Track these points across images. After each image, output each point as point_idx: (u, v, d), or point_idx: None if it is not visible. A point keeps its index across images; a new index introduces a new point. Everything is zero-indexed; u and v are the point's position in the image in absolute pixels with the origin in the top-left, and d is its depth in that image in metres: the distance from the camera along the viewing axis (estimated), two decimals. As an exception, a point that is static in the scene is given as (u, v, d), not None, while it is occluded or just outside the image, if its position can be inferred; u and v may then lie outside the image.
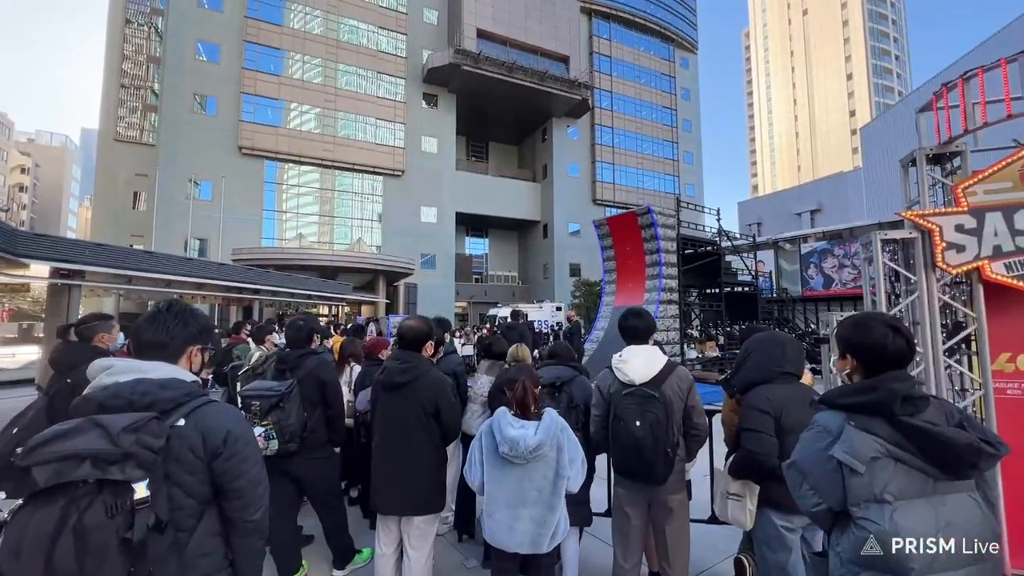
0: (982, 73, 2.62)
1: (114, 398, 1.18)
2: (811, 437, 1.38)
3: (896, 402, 1.24)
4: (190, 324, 1.39)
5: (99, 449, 1.04)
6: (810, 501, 1.34)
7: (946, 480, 1.21)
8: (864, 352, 1.38)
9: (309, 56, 27.79)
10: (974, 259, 2.60)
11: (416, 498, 2.44)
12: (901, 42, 68.02)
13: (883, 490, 1.21)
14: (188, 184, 23.99)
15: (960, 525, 1.20)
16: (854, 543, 1.25)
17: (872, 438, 1.24)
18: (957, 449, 1.16)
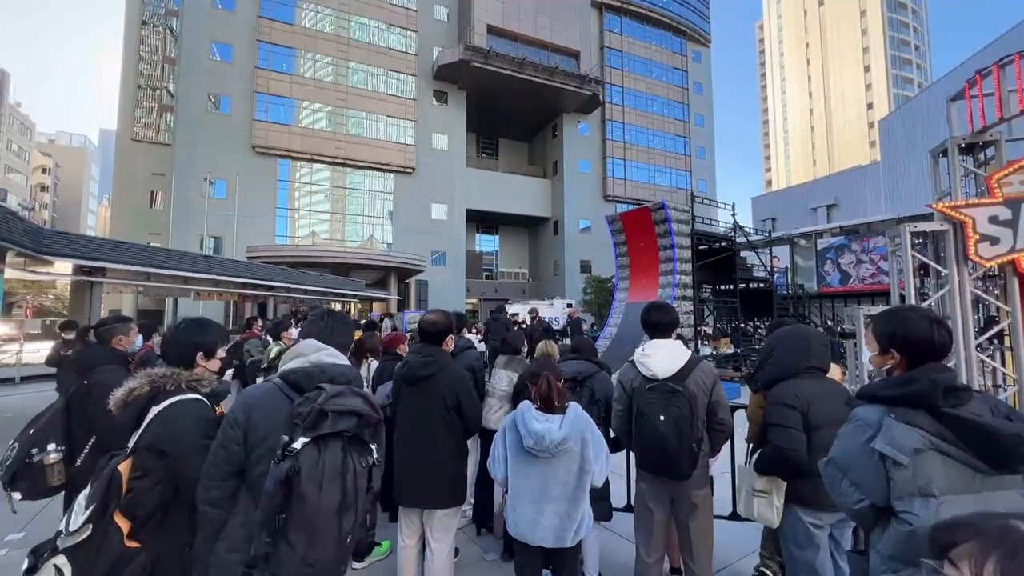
0: (1019, 59, 2.53)
1: (340, 376, 1.48)
2: (850, 431, 1.35)
3: (939, 393, 1.21)
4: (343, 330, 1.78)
5: (366, 411, 1.34)
6: (852, 498, 1.31)
7: (994, 476, 1.17)
8: (909, 346, 1.35)
9: (320, 55, 27.98)
10: (1009, 251, 2.52)
11: (438, 491, 2.45)
12: (921, 32, 66.32)
13: (928, 483, 1.18)
14: (203, 183, 24.35)
15: None
16: (896, 539, 1.22)
17: (915, 430, 1.21)
18: (1002, 440, 1.13)
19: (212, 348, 1.73)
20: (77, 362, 2.97)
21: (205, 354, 1.71)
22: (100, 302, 10.34)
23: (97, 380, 2.54)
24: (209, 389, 1.64)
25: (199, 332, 1.73)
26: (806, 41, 72.93)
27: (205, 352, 1.71)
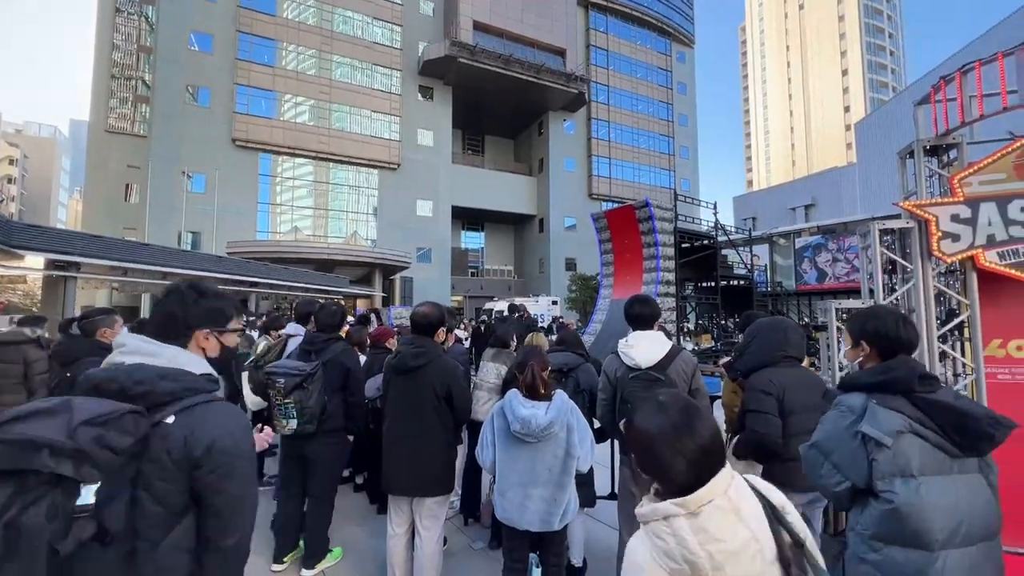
0: (979, 67, 2.69)
1: (109, 381, 1.05)
2: (835, 416, 1.42)
3: (916, 380, 1.31)
4: (200, 303, 1.25)
5: (51, 440, 0.87)
6: (832, 480, 1.37)
7: (962, 458, 1.27)
8: (879, 340, 1.45)
9: (303, 47, 27.50)
10: (968, 248, 2.68)
11: (428, 479, 2.50)
12: (896, 37, 68.25)
13: (908, 464, 1.26)
14: (181, 176, 23.73)
15: (975, 504, 1.25)
16: (878, 517, 1.29)
17: (896, 414, 1.29)
18: (978, 421, 1.22)
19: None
20: (60, 354, 2.93)
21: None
22: (74, 298, 10.05)
23: (80, 372, 2.51)
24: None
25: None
26: (786, 44, 74.41)
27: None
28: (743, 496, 0.92)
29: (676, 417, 0.96)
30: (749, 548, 0.87)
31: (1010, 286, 2.67)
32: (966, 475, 1.26)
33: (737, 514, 0.89)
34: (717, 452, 0.95)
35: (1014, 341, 2.78)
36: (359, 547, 3.27)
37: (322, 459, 2.86)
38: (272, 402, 2.58)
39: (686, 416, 0.96)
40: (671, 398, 1.03)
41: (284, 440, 2.76)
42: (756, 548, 0.87)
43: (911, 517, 1.23)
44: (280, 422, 2.56)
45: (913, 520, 1.23)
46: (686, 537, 0.87)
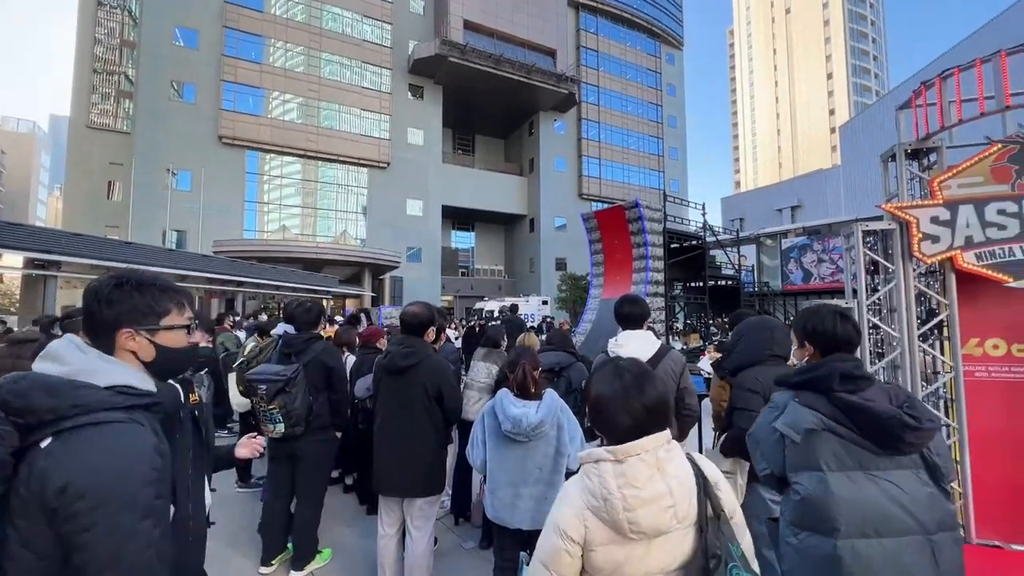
0: (958, 73, 2.76)
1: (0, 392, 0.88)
2: (765, 412, 1.53)
3: (835, 379, 1.35)
4: (121, 297, 1.02)
5: None
6: (760, 466, 1.50)
7: (887, 456, 1.30)
8: (817, 338, 1.51)
9: (291, 44, 27.19)
10: (947, 249, 2.76)
11: (418, 480, 2.49)
12: (880, 42, 69.62)
13: (817, 460, 1.32)
14: (166, 174, 23.31)
15: (902, 499, 1.27)
16: (792, 506, 1.39)
17: (811, 412, 1.36)
18: (882, 420, 1.26)
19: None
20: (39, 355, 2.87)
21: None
22: (55, 298, 9.83)
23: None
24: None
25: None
26: (773, 48, 75.45)
27: None
28: (674, 460, 1.05)
29: (629, 381, 1.09)
30: (662, 500, 0.99)
31: (987, 286, 2.75)
32: (897, 471, 1.29)
33: (660, 470, 1.02)
34: (659, 415, 1.08)
35: (991, 340, 2.86)
36: (349, 548, 3.25)
37: (310, 457, 2.84)
38: (256, 408, 2.56)
39: (639, 381, 1.09)
40: (629, 364, 1.16)
41: (270, 441, 2.74)
42: (669, 503, 0.99)
43: (817, 508, 1.31)
44: (267, 427, 2.55)
45: (818, 510, 1.31)
46: (608, 479, 1.01)
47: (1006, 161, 2.69)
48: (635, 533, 0.98)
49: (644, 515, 0.97)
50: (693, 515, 1.02)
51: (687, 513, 1.01)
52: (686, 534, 1.01)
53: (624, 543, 1.00)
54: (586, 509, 1.03)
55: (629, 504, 0.98)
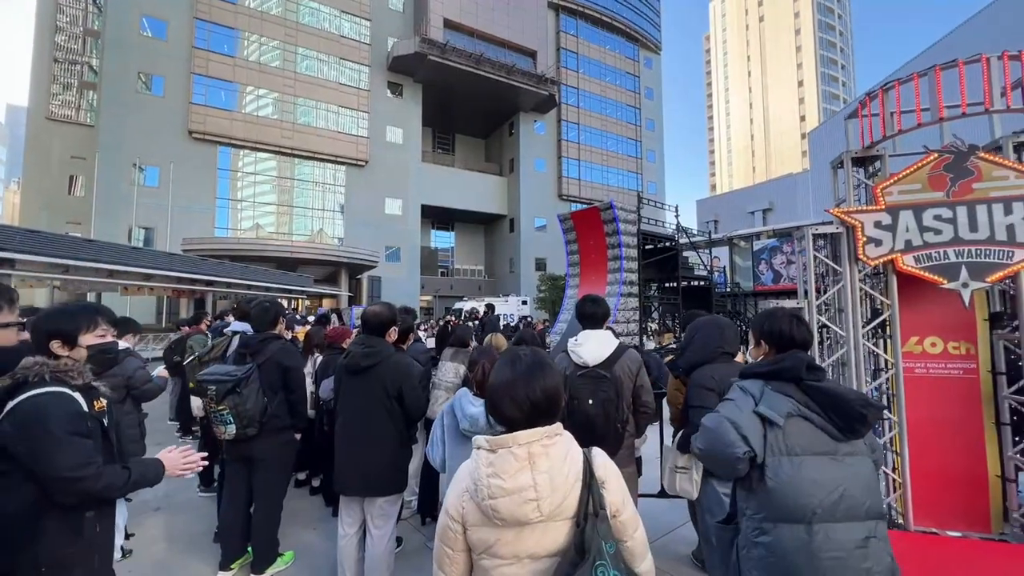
0: (898, 86, 2.92)
1: None
2: (737, 398, 1.50)
3: (803, 368, 1.43)
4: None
5: None
6: (740, 448, 1.39)
7: (846, 441, 1.38)
8: (774, 338, 1.58)
9: (266, 38, 26.58)
10: (889, 252, 2.91)
11: (378, 479, 2.50)
12: (847, 52, 72.26)
13: (793, 444, 1.37)
14: (132, 169, 22.51)
15: (859, 483, 1.36)
16: (766, 497, 1.38)
17: (786, 398, 1.41)
18: (851, 403, 1.35)
19: (71, 335, 1.55)
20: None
21: (64, 342, 1.54)
22: (8, 296, 9.37)
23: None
24: (81, 381, 1.50)
25: (57, 318, 1.57)
26: (748, 54, 77.46)
27: (63, 339, 1.54)
28: (551, 455, 1.06)
29: (520, 372, 1.12)
30: (524, 493, 1.02)
31: (925, 288, 2.91)
32: (853, 457, 1.38)
33: (530, 465, 1.04)
34: (543, 409, 1.10)
35: (929, 338, 3.04)
36: (312, 550, 3.23)
37: (268, 459, 2.79)
38: (207, 409, 2.52)
39: (530, 371, 1.12)
40: (526, 354, 1.19)
41: (227, 443, 2.70)
42: (532, 496, 1.02)
43: (792, 492, 1.33)
44: (218, 428, 2.51)
45: (793, 495, 1.33)
46: (479, 465, 1.07)
47: (942, 170, 2.85)
48: (497, 520, 1.02)
49: (503, 504, 1.01)
50: (570, 510, 1.05)
51: (558, 507, 1.04)
52: (561, 526, 1.05)
53: (493, 527, 1.05)
54: (465, 491, 1.09)
55: (491, 493, 1.02)
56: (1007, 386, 2.85)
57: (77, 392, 1.47)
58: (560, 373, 1.18)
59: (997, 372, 2.88)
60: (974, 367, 2.94)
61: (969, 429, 2.91)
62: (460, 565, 1.11)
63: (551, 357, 1.23)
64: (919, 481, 2.88)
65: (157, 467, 1.64)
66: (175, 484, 4.41)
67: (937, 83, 2.75)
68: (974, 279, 2.73)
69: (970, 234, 2.75)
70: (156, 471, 1.63)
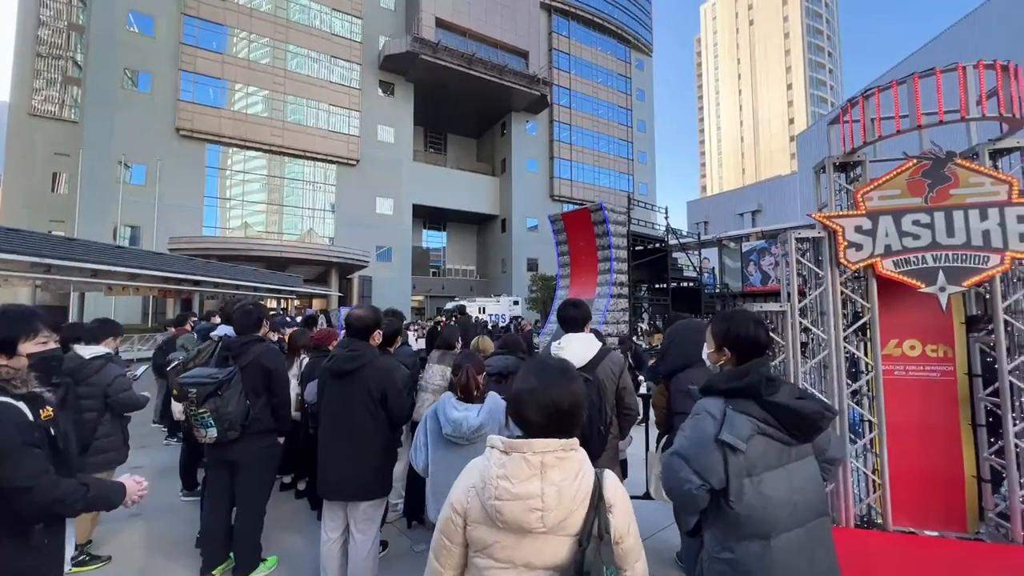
0: (878, 93, 2.97)
1: None
2: (697, 424, 1.46)
3: (763, 384, 1.40)
4: None
5: None
6: (694, 483, 1.38)
7: (796, 446, 1.39)
8: (736, 342, 1.52)
9: (256, 35, 26.31)
10: (869, 256, 2.95)
11: (362, 483, 2.48)
12: (835, 56, 73.27)
13: (753, 464, 1.35)
14: (118, 166, 22.15)
15: (806, 487, 1.38)
16: (728, 519, 1.37)
17: (748, 419, 1.38)
18: (809, 416, 1.36)
19: (9, 343, 1.48)
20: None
21: (1, 350, 1.48)
22: (-13, 296, 9.19)
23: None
24: (25, 390, 1.45)
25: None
26: (738, 57, 78.20)
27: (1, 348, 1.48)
28: (564, 468, 1.06)
29: (550, 376, 1.12)
30: (530, 502, 1.01)
31: (904, 291, 2.95)
32: (800, 461, 1.40)
33: (540, 474, 1.04)
34: (565, 418, 1.09)
35: (908, 341, 3.08)
36: (297, 555, 3.20)
37: (250, 463, 2.76)
38: (187, 413, 2.49)
39: (559, 377, 1.13)
40: (556, 362, 1.20)
41: (209, 447, 2.66)
42: (538, 505, 1.01)
43: (755, 513, 1.33)
44: (199, 431, 2.48)
45: (756, 516, 1.33)
46: (491, 465, 1.07)
47: (920, 176, 2.90)
48: (500, 522, 1.03)
49: (508, 508, 1.01)
50: (574, 527, 1.04)
51: (561, 522, 1.03)
52: (563, 542, 1.04)
53: (494, 527, 1.05)
54: (472, 486, 1.09)
55: (498, 494, 1.02)
56: (983, 388, 2.90)
57: (21, 401, 1.43)
58: (584, 388, 1.17)
59: (973, 374, 2.94)
60: (951, 369, 2.99)
61: (946, 430, 2.96)
62: (456, 558, 1.11)
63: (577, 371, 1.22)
64: (898, 482, 2.93)
65: (119, 491, 1.59)
66: (155, 488, 4.35)
67: (916, 91, 2.80)
68: (951, 283, 2.77)
69: (947, 239, 2.80)
70: (117, 495, 1.58)
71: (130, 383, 3.14)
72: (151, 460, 5.07)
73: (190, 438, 3.93)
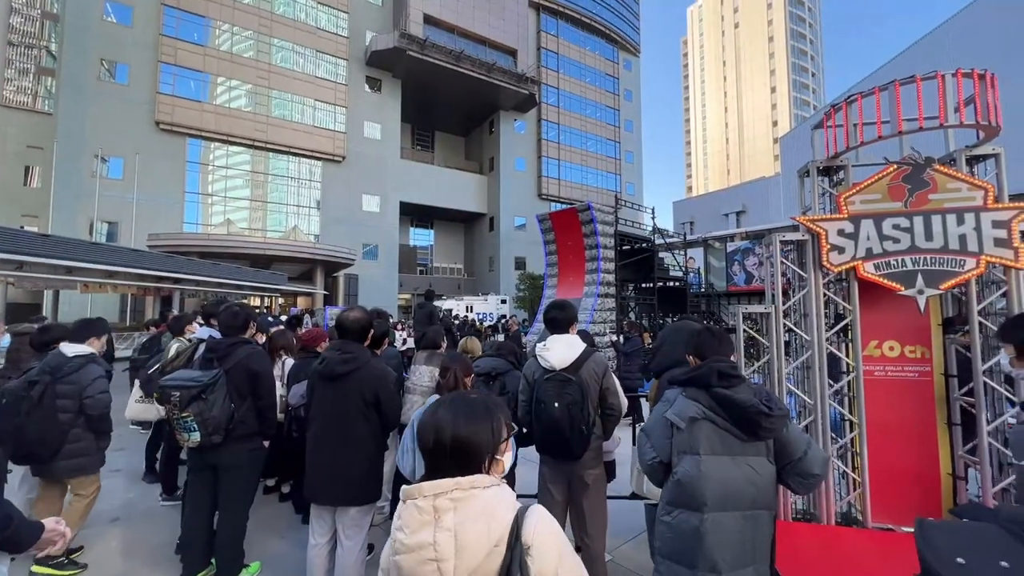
0: (860, 99, 3.03)
1: None
2: (658, 408, 1.75)
3: (713, 376, 1.60)
4: None
5: None
6: (649, 455, 1.69)
7: (750, 443, 1.57)
8: (696, 351, 1.85)
9: (239, 27, 25.77)
10: (851, 259, 3.01)
11: (352, 488, 2.45)
12: (817, 60, 74.66)
13: (696, 444, 1.56)
14: (94, 160, 21.51)
15: (751, 480, 1.55)
16: (669, 488, 1.63)
17: (694, 404, 1.61)
18: (744, 407, 1.53)
19: None
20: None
21: None
22: (-45, 294, 8.86)
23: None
24: None
25: None
26: (723, 59, 79.20)
27: None
28: (462, 511, 0.94)
29: (451, 409, 1.03)
30: (423, 552, 0.92)
31: (884, 294, 3.02)
32: (754, 458, 1.57)
33: (433, 521, 0.93)
34: (441, 457, 0.99)
35: (887, 342, 3.16)
36: (281, 560, 3.14)
37: (234, 468, 2.70)
38: (170, 417, 2.42)
39: (458, 411, 1.03)
40: (474, 398, 1.09)
41: (191, 451, 2.60)
42: (431, 555, 0.91)
43: (691, 486, 1.55)
44: (182, 435, 2.41)
45: (692, 488, 1.55)
46: (395, 518, 1.00)
47: (900, 181, 2.97)
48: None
49: (405, 562, 0.93)
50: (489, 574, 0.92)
51: (469, 571, 0.91)
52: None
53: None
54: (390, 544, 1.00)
55: (397, 548, 0.95)
56: (958, 388, 2.99)
57: None
58: (500, 423, 1.06)
59: (949, 374, 3.02)
60: (928, 370, 3.07)
61: (923, 429, 3.04)
62: None
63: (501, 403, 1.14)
64: (877, 480, 3.00)
65: (35, 531, 1.36)
66: (136, 492, 4.26)
67: (897, 97, 2.86)
68: (929, 286, 2.85)
69: (926, 243, 2.87)
70: (31, 535, 1.35)
71: (106, 386, 3.04)
72: (128, 463, 4.94)
73: (170, 441, 3.84)
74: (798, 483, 1.61)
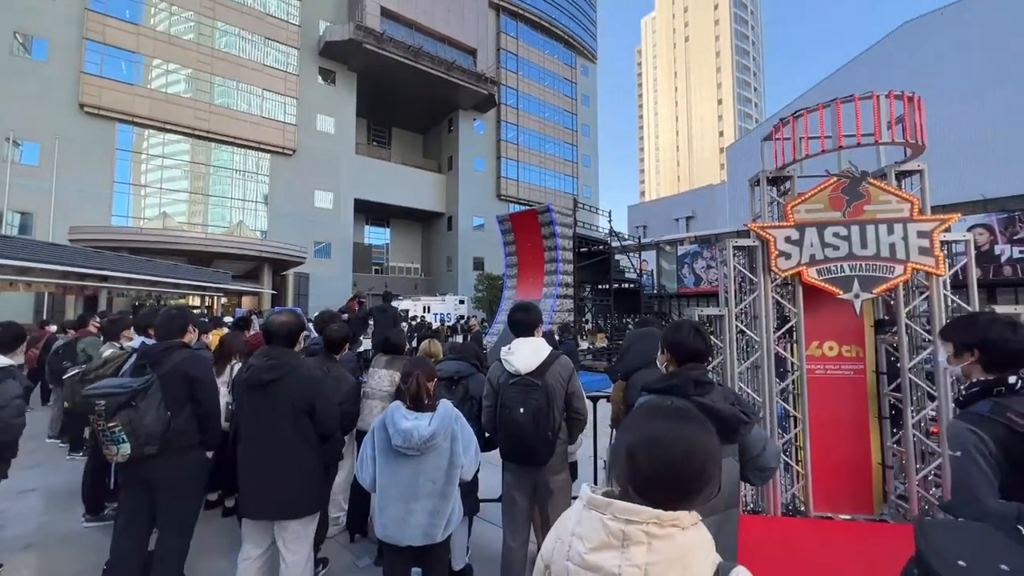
0: (806, 115, 3.23)
1: None
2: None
3: (690, 385, 1.61)
4: None
5: None
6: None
7: (724, 444, 1.59)
8: (676, 347, 1.76)
9: (178, 7, 24.03)
10: (797, 265, 3.20)
11: (290, 501, 2.31)
12: (759, 75, 79.59)
13: None
14: (4, 143, 19.33)
15: (727, 480, 1.57)
16: None
17: None
18: (727, 418, 1.56)
19: None
20: None
21: None
22: None
23: None
24: None
25: None
26: (674, 70, 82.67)
27: None
28: (660, 553, 0.80)
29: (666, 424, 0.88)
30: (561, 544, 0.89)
31: (825, 297, 3.23)
32: (726, 459, 1.61)
33: (620, 547, 0.82)
34: (660, 484, 0.85)
35: (827, 342, 3.38)
36: (224, 580, 2.93)
37: (172, 482, 2.46)
38: (95, 429, 2.18)
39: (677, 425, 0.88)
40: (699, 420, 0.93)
41: (121, 465, 2.35)
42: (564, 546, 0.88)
43: None
44: (110, 449, 2.17)
45: None
46: (571, 514, 0.92)
47: (840, 192, 3.19)
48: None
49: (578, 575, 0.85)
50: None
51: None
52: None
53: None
54: (559, 537, 0.93)
55: (571, 555, 0.87)
56: (887, 384, 3.25)
57: None
58: (716, 445, 0.90)
59: (880, 372, 3.28)
60: (862, 368, 3.31)
61: (857, 423, 3.28)
62: None
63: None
64: (818, 471, 3.20)
65: None
66: (53, 514, 3.84)
67: (838, 115, 3.08)
68: (864, 290, 3.07)
69: (861, 250, 3.10)
70: None
71: (24, 408, 2.68)
72: (44, 481, 4.44)
73: (96, 456, 3.48)
74: (757, 477, 1.68)
